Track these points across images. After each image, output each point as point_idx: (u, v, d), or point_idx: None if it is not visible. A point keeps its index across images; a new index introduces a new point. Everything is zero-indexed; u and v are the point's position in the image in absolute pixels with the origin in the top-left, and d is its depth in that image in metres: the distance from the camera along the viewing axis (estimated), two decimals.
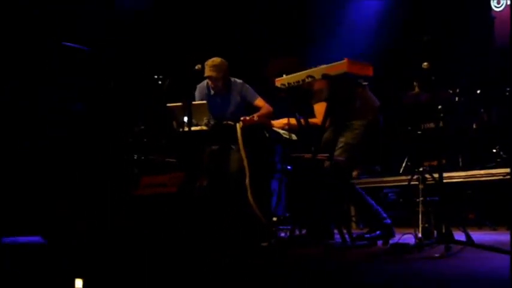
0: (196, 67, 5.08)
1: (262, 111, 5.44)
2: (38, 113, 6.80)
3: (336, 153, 4.65)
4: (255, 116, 5.11)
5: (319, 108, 4.67)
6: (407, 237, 4.22)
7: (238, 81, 5.62)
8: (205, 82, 5.61)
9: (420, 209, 4.31)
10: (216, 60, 5.45)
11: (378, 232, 4.59)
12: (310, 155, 4.49)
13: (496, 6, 7.44)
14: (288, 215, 5.62)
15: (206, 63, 5.41)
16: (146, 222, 4.39)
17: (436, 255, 3.52)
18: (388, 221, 4.65)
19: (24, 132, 6.68)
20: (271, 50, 7.40)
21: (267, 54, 5.10)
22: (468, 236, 4.06)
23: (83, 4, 7.08)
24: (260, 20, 8.04)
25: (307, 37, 8.04)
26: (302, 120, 4.57)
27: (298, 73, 4.44)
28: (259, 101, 5.58)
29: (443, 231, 3.69)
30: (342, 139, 4.68)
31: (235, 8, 8.01)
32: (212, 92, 5.57)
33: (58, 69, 6.95)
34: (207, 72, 5.39)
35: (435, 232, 4.15)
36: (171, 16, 7.73)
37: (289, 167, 5.26)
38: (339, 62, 4.18)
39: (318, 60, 4.78)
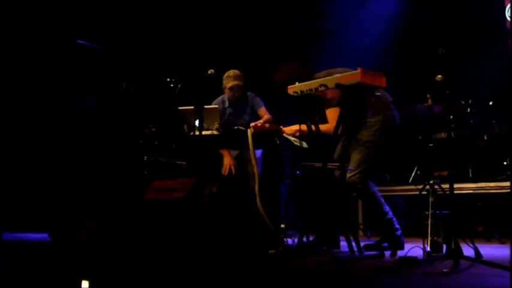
0: (209, 72, 5.08)
1: (264, 120, 5.59)
2: (48, 111, 6.84)
3: (354, 152, 4.63)
4: (266, 124, 5.10)
5: (332, 113, 4.64)
6: (415, 250, 4.21)
7: (250, 93, 5.93)
8: (220, 97, 5.90)
9: (429, 222, 4.30)
10: (237, 71, 5.79)
11: (385, 244, 4.57)
12: (320, 164, 4.48)
13: (510, 17, 7.39)
14: (295, 220, 5.61)
15: (228, 75, 5.78)
16: (152, 226, 4.39)
17: (445, 270, 3.49)
18: (399, 232, 4.63)
19: (29, 131, 6.73)
20: (280, 55, 7.44)
21: (276, 59, 5.10)
22: (477, 252, 4.05)
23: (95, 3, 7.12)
24: (271, 23, 8.08)
25: (318, 47, 8.06)
26: (313, 127, 4.56)
27: (311, 81, 4.43)
28: (262, 111, 5.86)
29: (453, 245, 3.66)
30: (359, 136, 4.66)
31: (245, 13, 8.06)
32: (227, 104, 5.85)
33: (69, 67, 6.99)
34: (233, 81, 5.74)
35: (444, 245, 4.14)
36: (185, 20, 7.75)
37: (298, 172, 5.25)
38: (352, 72, 4.18)
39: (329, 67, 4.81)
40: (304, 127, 4.65)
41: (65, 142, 6.87)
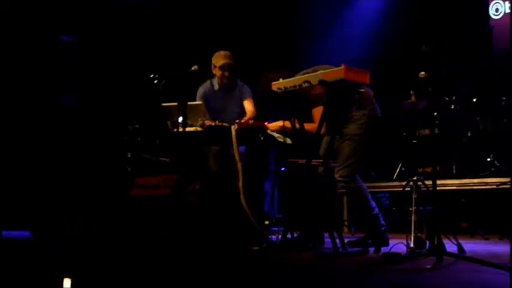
0: (193, 68, 5.06)
1: (248, 115, 5.58)
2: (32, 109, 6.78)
3: (341, 147, 4.61)
4: (250, 120, 5.09)
5: (318, 112, 4.59)
6: (399, 246, 4.21)
7: (240, 82, 5.84)
8: (207, 81, 5.80)
9: (413, 218, 4.30)
10: (227, 51, 5.70)
11: (369, 241, 4.57)
12: (304, 160, 4.47)
13: (494, 15, 7.43)
14: (280, 216, 5.60)
15: (218, 54, 5.68)
16: (138, 222, 4.37)
17: (428, 266, 3.50)
18: (384, 228, 4.64)
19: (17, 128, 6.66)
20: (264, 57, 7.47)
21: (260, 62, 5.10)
22: (460, 248, 4.07)
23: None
24: (254, 23, 8.09)
25: (301, 41, 8.07)
26: (297, 123, 4.53)
27: (295, 78, 4.42)
28: (247, 102, 5.76)
29: (436, 242, 3.67)
30: (345, 131, 4.62)
31: (229, 10, 8.04)
32: (217, 86, 5.75)
33: (52, 64, 6.94)
34: (224, 60, 5.64)
35: (427, 242, 4.14)
36: (169, 16, 7.72)
37: (282, 168, 5.25)
38: (336, 68, 4.16)
39: (312, 63, 4.78)
40: (288, 123, 4.63)
41: (53, 139, 6.81)
